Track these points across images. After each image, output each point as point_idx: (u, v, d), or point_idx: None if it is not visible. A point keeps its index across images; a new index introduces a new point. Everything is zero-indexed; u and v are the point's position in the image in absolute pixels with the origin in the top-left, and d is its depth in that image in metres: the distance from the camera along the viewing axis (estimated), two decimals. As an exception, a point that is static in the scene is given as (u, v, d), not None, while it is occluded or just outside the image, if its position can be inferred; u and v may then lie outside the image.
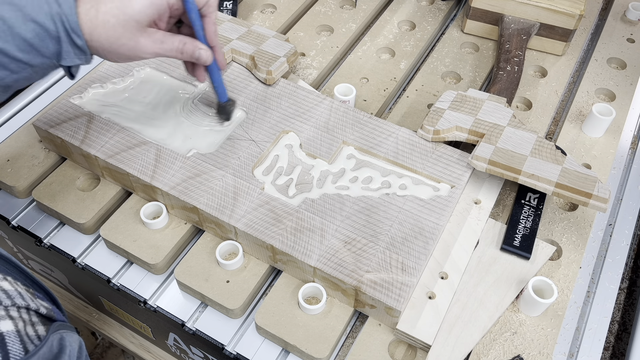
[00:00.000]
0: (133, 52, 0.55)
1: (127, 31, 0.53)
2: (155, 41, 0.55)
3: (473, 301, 0.59)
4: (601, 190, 0.61)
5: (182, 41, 0.57)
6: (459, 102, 0.71)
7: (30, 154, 0.73)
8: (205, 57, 0.59)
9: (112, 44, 0.53)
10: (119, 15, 0.52)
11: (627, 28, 0.91)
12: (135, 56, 0.55)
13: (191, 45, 0.58)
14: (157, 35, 0.55)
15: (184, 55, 0.58)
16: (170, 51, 0.57)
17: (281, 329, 0.58)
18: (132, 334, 0.79)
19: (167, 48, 0.56)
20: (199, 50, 0.58)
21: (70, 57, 0.53)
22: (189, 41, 0.58)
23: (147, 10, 0.53)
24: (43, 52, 0.52)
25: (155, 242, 0.64)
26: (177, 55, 0.57)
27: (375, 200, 0.63)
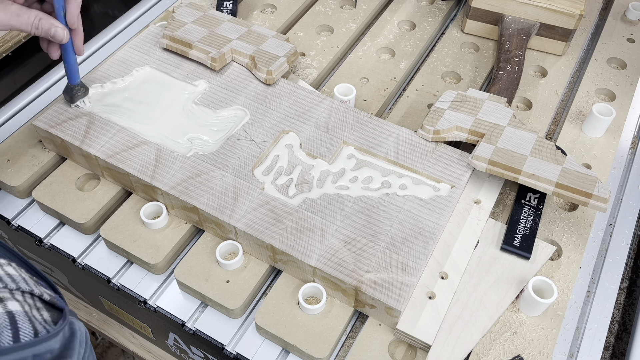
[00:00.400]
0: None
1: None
2: (11, 13, 0.55)
3: (473, 301, 0.59)
4: (601, 190, 0.61)
5: (38, 16, 0.57)
6: (459, 102, 0.71)
7: (30, 154, 0.73)
8: (61, 36, 0.59)
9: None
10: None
11: (627, 28, 0.91)
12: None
13: (47, 22, 0.58)
14: (12, 7, 0.56)
15: (39, 31, 0.58)
16: (25, 25, 0.57)
17: (281, 329, 0.58)
18: (132, 334, 0.79)
19: (22, 21, 0.57)
20: (54, 28, 0.59)
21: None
22: (44, 17, 0.58)
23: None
24: None
25: (155, 242, 0.64)
26: (32, 30, 0.58)
27: (375, 200, 0.63)
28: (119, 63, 0.77)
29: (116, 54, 0.79)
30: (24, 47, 1.15)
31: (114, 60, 0.78)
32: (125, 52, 0.79)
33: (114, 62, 0.78)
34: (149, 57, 0.78)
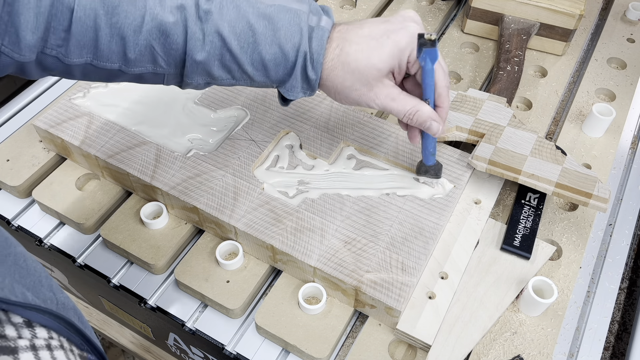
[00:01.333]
0: (363, 99, 0.53)
1: (365, 77, 0.51)
2: (388, 95, 0.53)
3: (473, 301, 0.59)
4: (601, 190, 0.61)
5: (416, 108, 0.54)
6: (459, 102, 0.71)
7: (30, 154, 0.73)
8: (435, 130, 0.56)
9: (346, 87, 0.52)
10: (361, 59, 0.51)
11: (627, 28, 0.91)
12: (364, 103, 0.54)
13: (425, 115, 0.54)
14: (391, 89, 0.53)
15: (412, 122, 0.55)
16: (400, 112, 0.54)
17: (281, 329, 0.58)
18: (132, 334, 0.79)
19: (397, 108, 0.54)
20: (430, 122, 0.55)
21: (295, 91, 0.53)
22: (423, 109, 0.54)
23: (391, 61, 0.52)
24: (270, 75, 0.52)
25: (155, 242, 0.64)
26: (405, 118, 0.55)
27: (375, 200, 0.63)
28: None
29: (116, 54, 0.79)
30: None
31: (114, 60, 0.78)
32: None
33: (114, 62, 0.77)
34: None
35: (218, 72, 0.51)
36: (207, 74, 0.51)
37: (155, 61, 0.50)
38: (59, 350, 0.36)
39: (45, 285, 0.41)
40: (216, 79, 0.52)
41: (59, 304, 0.41)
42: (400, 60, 0.52)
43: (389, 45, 0.51)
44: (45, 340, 0.36)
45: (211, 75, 0.51)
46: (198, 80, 0.52)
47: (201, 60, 0.50)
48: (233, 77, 0.52)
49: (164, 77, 0.52)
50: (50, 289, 0.41)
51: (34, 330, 0.36)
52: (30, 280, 0.40)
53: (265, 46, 0.50)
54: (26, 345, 0.34)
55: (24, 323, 0.36)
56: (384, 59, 0.51)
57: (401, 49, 0.51)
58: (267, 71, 0.51)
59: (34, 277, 0.40)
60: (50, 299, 0.40)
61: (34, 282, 0.40)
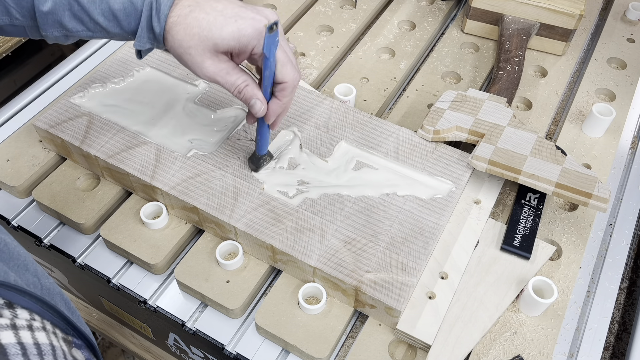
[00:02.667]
0: (193, 66, 0.54)
1: (201, 46, 0.52)
2: (221, 69, 0.54)
3: (473, 301, 0.59)
4: (601, 190, 0.61)
5: (246, 82, 0.55)
6: (459, 102, 0.71)
7: (30, 154, 0.73)
8: (257, 109, 0.56)
9: (181, 47, 0.53)
10: (204, 28, 0.52)
11: (627, 28, 0.91)
12: (193, 70, 0.54)
13: (251, 91, 0.55)
14: (225, 64, 0.54)
15: (240, 96, 0.56)
16: (230, 85, 0.55)
17: (281, 329, 0.58)
18: (132, 334, 0.79)
19: (229, 80, 0.55)
20: (255, 100, 0.56)
21: (142, 41, 0.54)
22: (251, 85, 0.55)
23: (231, 42, 0.52)
24: (123, 26, 0.52)
25: (155, 242, 0.64)
26: (235, 92, 0.56)
27: (375, 200, 0.63)
28: (119, 63, 0.77)
29: (116, 54, 0.79)
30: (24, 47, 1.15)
31: (114, 60, 0.78)
32: (125, 52, 0.79)
33: (114, 62, 0.78)
34: (150, 57, 0.78)
35: (70, 23, 0.52)
36: (60, 25, 0.52)
37: (9, 13, 0.52)
38: (40, 331, 0.36)
39: (30, 270, 0.41)
40: (70, 31, 0.53)
41: (43, 288, 0.41)
42: (242, 46, 0.53)
43: (232, 26, 0.52)
44: (26, 321, 0.35)
45: (64, 27, 0.53)
46: (54, 32, 0.53)
47: (48, 11, 0.51)
48: (87, 28, 0.53)
49: (23, 29, 0.54)
50: (34, 274, 0.41)
51: (15, 311, 0.35)
52: (13, 264, 0.40)
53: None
54: (6, 324, 0.34)
55: (5, 304, 0.35)
56: (223, 36, 0.52)
57: (242, 35, 0.52)
58: (118, 21, 0.52)
59: (18, 261, 0.41)
60: (34, 283, 0.40)
61: (18, 266, 0.40)
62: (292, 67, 0.55)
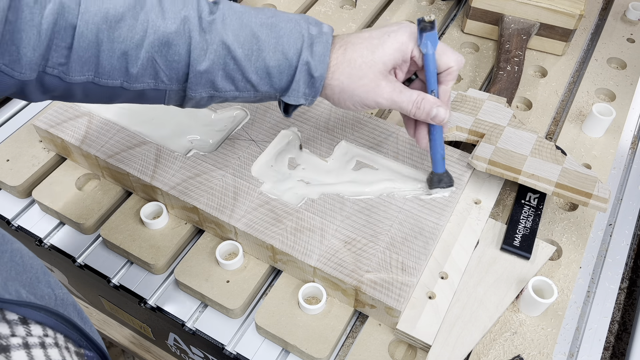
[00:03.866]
0: (370, 95, 0.53)
1: (372, 72, 0.52)
2: (395, 89, 0.54)
3: (473, 301, 0.59)
4: (601, 190, 0.61)
5: (421, 96, 0.55)
6: (459, 102, 0.71)
7: (30, 154, 0.73)
8: (443, 116, 0.55)
9: (352, 82, 0.53)
10: (367, 55, 0.52)
11: (627, 28, 0.91)
12: (371, 99, 0.54)
13: (430, 102, 0.55)
14: (397, 84, 0.54)
15: (419, 111, 0.55)
16: (407, 103, 0.54)
17: (281, 329, 0.58)
18: (132, 334, 0.79)
19: (405, 99, 0.54)
20: (437, 108, 0.55)
21: (297, 96, 0.53)
22: (427, 97, 0.55)
23: (395, 54, 0.53)
24: (274, 83, 0.52)
25: (155, 242, 0.64)
26: (413, 109, 0.55)
27: (375, 200, 0.63)
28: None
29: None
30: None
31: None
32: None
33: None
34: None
35: (222, 82, 0.51)
36: (211, 84, 0.51)
37: (157, 76, 0.49)
38: (53, 348, 0.36)
39: (42, 282, 0.41)
40: (220, 90, 0.52)
41: (57, 299, 0.41)
42: (403, 55, 0.54)
43: (390, 41, 0.53)
44: (39, 337, 0.35)
45: (214, 87, 0.51)
46: (201, 93, 0.52)
47: (205, 70, 0.50)
48: (237, 87, 0.52)
49: (165, 94, 0.52)
50: (48, 285, 0.41)
51: (28, 327, 0.35)
52: (26, 277, 0.40)
53: (269, 53, 0.50)
54: (19, 344, 0.34)
55: (19, 320, 0.36)
56: (388, 53, 0.53)
57: (402, 43, 0.53)
58: (271, 79, 0.52)
59: (31, 274, 0.40)
60: (48, 295, 0.40)
61: (31, 279, 0.40)
62: (452, 51, 0.55)
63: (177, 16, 0.48)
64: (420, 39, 0.53)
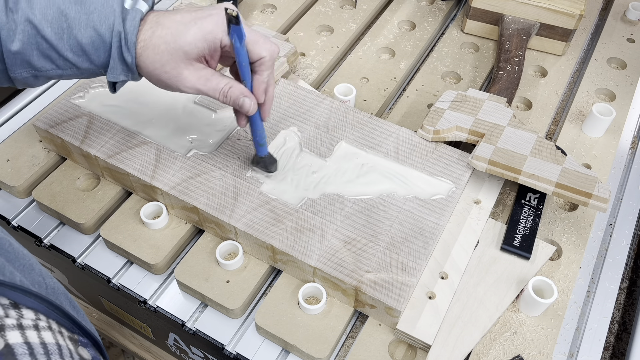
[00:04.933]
0: (174, 82, 0.53)
1: (173, 60, 0.52)
2: (200, 77, 0.53)
3: (473, 301, 0.59)
4: (601, 190, 0.61)
5: (229, 84, 0.54)
6: (459, 102, 0.71)
7: (30, 154, 0.73)
8: (248, 107, 0.56)
9: (156, 69, 0.52)
10: (170, 42, 0.51)
11: (627, 28, 0.91)
12: (176, 87, 0.54)
13: (237, 91, 0.55)
14: (203, 71, 0.54)
15: (227, 99, 0.55)
16: (214, 91, 0.54)
17: (281, 329, 0.58)
18: (132, 334, 0.79)
19: (211, 87, 0.54)
20: (243, 98, 0.55)
21: (116, 73, 0.53)
22: (235, 85, 0.55)
23: (198, 44, 0.52)
24: (92, 60, 0.52)
25: (155, 242, 0.64)
26: (220, 97, 0.55)
27: (375, 200, 0.63)
28: None
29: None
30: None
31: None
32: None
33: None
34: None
35: (39, 61, 0.51)
36: (28, 64, 0.51)
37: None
38: (46, 331, 0.36)
39: (35, 270, 0.41)
40: (40, 70, 0.52)
41: (48, 288, 0.41)
42: (210, 44, 0.53)
43: (194, 29, 0.52)
44: (32, 320, 0.36)
45: (33, 66, 0.51)
46: (22, 74, 0.52)
47: (17, 51, 0.50)
48: (57, 66, 0.52)
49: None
50: (39, 274, 0.41)
51: (20, 311, 0.36)
52: (18, 264, 0.40)
53: (80, 30, 0.50)
54: (13, 324, 0.34)
55: (10, 305, 0.36)
56: (189, 41, 0.52)
57: (208, 32, 0.52)
58: (88, 56, 0.51)
59: (24, 261, 0.41)
60: (39, 283, 0.41)
61: (24, 266, 0.40)
62: (264, 40, 0.54)
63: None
64: (229, 30, 0.52)
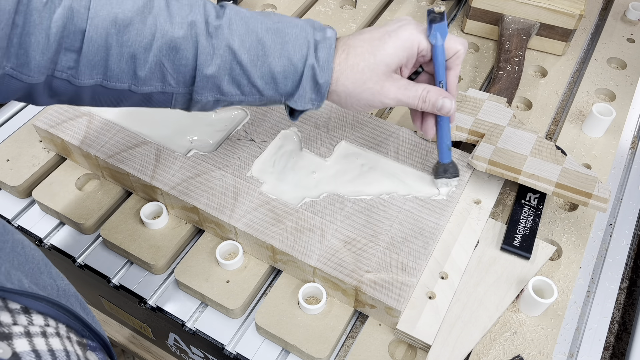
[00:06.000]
0: (376, 97, 0.53)
1: (375, 75, 0.52)
2: (400, 87, 0.54)
3: (473, 301, 0.59)
4: (601, 190, 0.61)
5: (426, 89, 0.55)
6: (459, 102, 0.71)
7: (30, 154, 0.73)
8: (449, 107, 0.56)
9: (357, 87, 0.53)
10: (369, 58, 0.52)
11: (627, 28, 0.91)
12: (377, 101, 0.54)
13: (435, 94, 0.55)
14: (401, 81, 0.54)
15: (425, 104, 0.55)
16: (413, 98, 0.54)
17: (281, 329, 0.58)
18: (132, 334, 0.79)
19: (411, 95, 0.54)
20: (442, 99, 0.55)
21: (303, 101, 0.53)
22: (432, 89, 0.55)
23: (399, 53, 0.53)
24: (279, 88, 0.52)
25: (155, 242, 0.64)
26: (419, 103, 0.55)
27: (375, 200, 0.63)
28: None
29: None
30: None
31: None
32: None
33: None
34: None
35: (228, 87, 0.51)
36: (217, 89, 0.51)
37: (164, 79, 0.49)
38: (54, 337, 0.36)
39: (44, 272, 0.41)
40: (225, 95, 0.52)
41: (59, 290, 0.41)
42: (409, 52, 0.54)
43: (391, 41, 0.53)
44: (40, 327, 0.36)
45: (220, 91, 0.51)
46: (207, 97, 0.52)
47: (211, 74, 0.50)
48: (242, 92, 0.52)
49: (172, 97, 0.52)
50: (50, 276, 0.41)
51: (30, 317, 0.36)
52: (29, 267, 0.40)
53: (275, 59, 0.50)
54: (21, 332, 0.34)
55: (21, 309, 0.36)
56: (390, 53, 0.52)
57: (405, 40, 0.53)
58: (276, 84, 0.52)
59: (33, 264, 0.40)
60: (50, 285, 0.40)
61: (33, 269, 0.40)
62: (454, 36, 0.55)
63: (184, 21, 0.48)
64: (430, 31, 0.53)
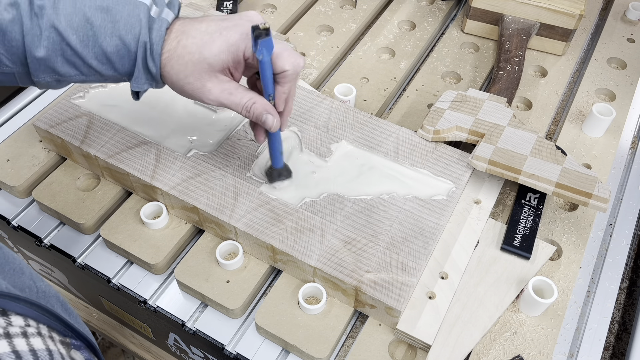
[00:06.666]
0: (197, 94, 0.53)
1: (197, 71, 0.52)
2: (223, 90, 0.53)
3: (473, 301, 0.59)
4: (601, 190, 0.61)
5: (252, 100, 0.54)
6: (459, 102, 0.71)
7: (30, 154, 0.73)
8: (270, 124, 0.55)
9: (180, 79, 0.52)
10: (194, 53, 0.51)
11: (627, 28, 0.91)
12: (199, 98, 0.53)
13: (260, 107, 0.54)
14: (227, 84, 0.53)
15: (250, 115, 0.54)
16: (237, 105, 0.53)
17: (281, 329, 0.58)
18: (132, 334, 0.79)
19: (234, 101, 0.53)
20: (266, 115, 0.54)
21: (140, 82, 0.53)
22: (259, 101, 0.54)
23: (222, 56, 0.51)
24: (117, 68, 0.52)
25: (155, 242, 0.64)
26: (243, 112, 0.54)
27: (375, 200, 0.63)
28: None
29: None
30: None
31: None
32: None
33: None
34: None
35: (63, 68, 0.51)
36: (52, 70, 0.51)
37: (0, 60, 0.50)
38: (35, 337, 0.35)
39: (26, 274, 0.40)
40: (64, 76, 0.52)
41: (39, 292, 0.41)
42: (234, 57, 0.52)
43: (219, 40, 0.51)
44: (20, 327, 0.35)
45: (57, 72, 0.51)
46: (46, 78, 0.51)
47: (42, 57, 0.49)
48: (81, 72, 0.52)
49: (14, 77, 0.52)
50: (30, 277, 0.41)
51: (8, 318, 0.35)
52: (8, 268, 0.39)
53: (106, 38, 0.50)
54: (0, 334, 0.34)
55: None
56: (214, 53, 0.51)
57: (231, 44, 0.51)
58: (112, 64, 0.51)
59: (13, 265, 0.40)
60: (30, 287, 0.40)
61: (13, 270, 0.40)
62: (289, 53, 0.53)
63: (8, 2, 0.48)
64: (255, 46, 0.50)
